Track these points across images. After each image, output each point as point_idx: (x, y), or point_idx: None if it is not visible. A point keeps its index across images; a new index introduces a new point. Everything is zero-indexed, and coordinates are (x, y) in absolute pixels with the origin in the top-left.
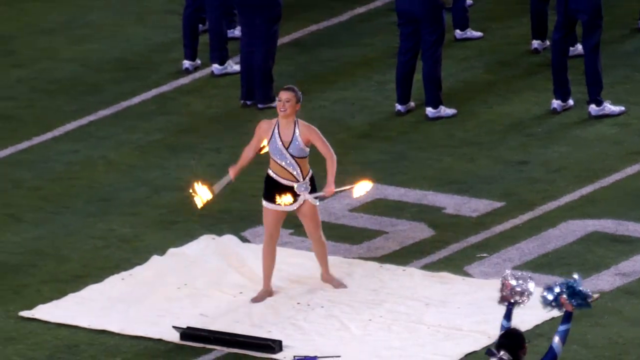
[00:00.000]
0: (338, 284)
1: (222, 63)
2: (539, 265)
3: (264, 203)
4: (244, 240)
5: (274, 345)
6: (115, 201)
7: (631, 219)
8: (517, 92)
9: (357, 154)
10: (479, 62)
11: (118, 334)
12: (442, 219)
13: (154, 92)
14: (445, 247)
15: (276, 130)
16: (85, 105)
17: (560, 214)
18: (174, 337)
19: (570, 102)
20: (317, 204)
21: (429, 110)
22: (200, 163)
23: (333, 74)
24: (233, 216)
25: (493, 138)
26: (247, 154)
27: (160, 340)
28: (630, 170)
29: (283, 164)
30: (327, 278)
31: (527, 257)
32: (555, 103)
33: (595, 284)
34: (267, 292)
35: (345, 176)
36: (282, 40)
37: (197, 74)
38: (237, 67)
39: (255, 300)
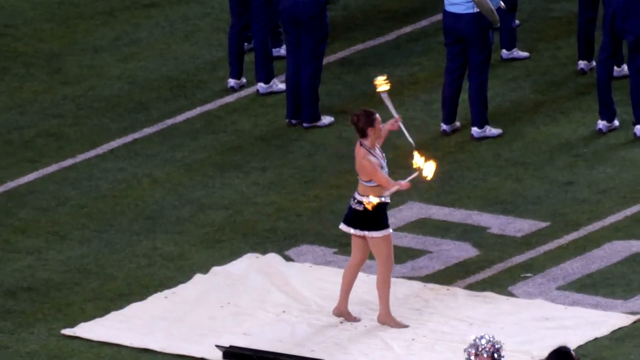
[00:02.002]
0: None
1: (267, 82)
2: (583, 285)
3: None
4: (288, 259)
5: None
6: (160, 219)
7: None
8: (564, 113)
9: (403, 174)
10: (526, 82)
11: (160, 353)
12: (487, 238)
13: (200, 110)
14: (490, 267)
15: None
16: (131, 122)
17: (605, 234)
18: (217, 356)
19: (616, 122)
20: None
21: (475, 130)
22: (245, 182)
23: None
24: (278, 235)
25: (539, 158)
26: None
27: (203, 359)
28: None
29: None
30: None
31: (572, 277)
32: (601, 124)
33: None
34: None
35: (392, 195)
36: (329, 59)
37: (243, 93)
38: (282, 86)
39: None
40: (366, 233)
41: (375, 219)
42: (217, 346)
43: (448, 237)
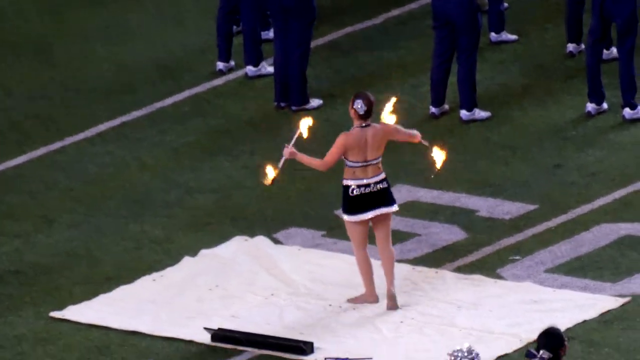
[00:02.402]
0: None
1: (256, 65)
2: (571, 268)
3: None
4: (276, 242)
5: (305, 347)
6: (148, 203)
7: None
8: (552, 96)
9: (392, 156)
10: (515, 65)
11: (149, 335)
12: (476, 221)
13: (188, 93)
14: (478, 250)
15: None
16: (120, 106)
17: (593, 217)
18: (205, 338)
19: (605, 105)
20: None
21: (463, 113)
22: (233, 166)
23: (368, 77)
24: (266, 218)
25: (528, 141)
26: None
27: (191, 341)
28: None
29: None
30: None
31: (560, 260)
32: (590, 106)
33: (628, 288)
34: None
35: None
36: (317, 42)
37: (232, 76)
38: (270, 69)
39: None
40: (395, 207)
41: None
42: (205, 329)
43: (436, 220)
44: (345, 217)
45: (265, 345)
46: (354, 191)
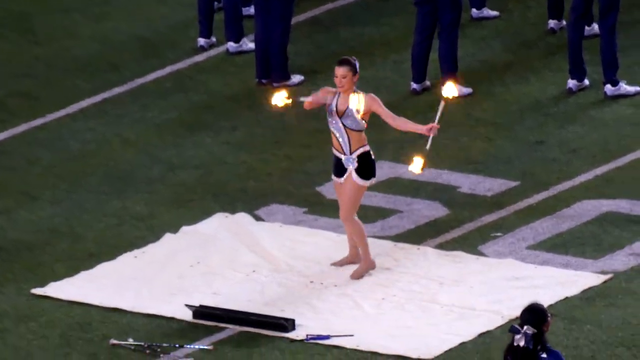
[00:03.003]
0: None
1: (237, 41)
2: (553, 245)
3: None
4: (258, 218)
5: (287, 324)
6: (130, 179)
7: None
8: (534, 72)
9: (373, 133)
10: (496, 41)
11: (130, 312)
12: (457, 198)
13: (170, 69)
14: (460, 226)
15: (336, 98)
16: (102, 83)
17: (575, 194)
18: (187, 315)
19: (586, 82)
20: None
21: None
22: (215, 142)
23: (350, 53)
24: (248, 194)
25: (509, 118)
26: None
27: (172, 318)
28: None
29: (337, 134)
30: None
31: (542, 237)
32: (571, 83)
33: (610, 264)
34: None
35: None
36: (299, 18)
37: (213, 52)
38: (251, 45)
39: (335, 263)
40: None
41: None
42: (186, 305)
43: (418, 196)
44: (366, 183)
45: (247, 322)
46: (373, 156)
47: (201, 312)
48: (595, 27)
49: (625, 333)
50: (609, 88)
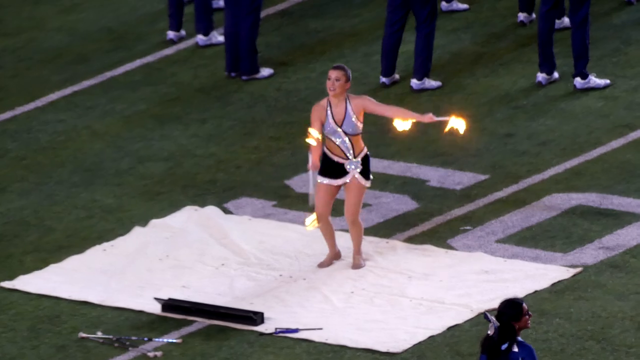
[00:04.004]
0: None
1: (206, 34)
2: (522, 238)
3: (318, 179)
4: (227, 212)
5: (256, 317)
6: (99, 171)
7: (616, 192)
8: (503, 65)
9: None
10: (466, 34)
11: (99, 305)
12: (426, 191)
13: (139, 62)
14: (429, 220)
15: (329, 111)
16: (71, 75)
17: (545, 187)
18: (156, 308)
19: (556, 75)
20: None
21: (414, 82)
22: (184, 134)
23: (320, 45)
24: (217, 187)
25: (479, 110)
26: (316, 133)
27: (141, 311)
28: (615, 143)
29: (337, 141)
30: (356, 263)
31: (511, 230)
32: (540, 76)
33: (579, 258)
34: (333, 257)
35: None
36: (268, 10)
37: (182, 45)
38: (221, 38)
39: (322, 265)
40: None
41: None
42: (156, 299)
43: (387, 189)
44: (369, 183)
45: (216, 316)
46: None
47: (170, 305)
48: (566, 20)
49: (595, 326)
50: (578, 81)
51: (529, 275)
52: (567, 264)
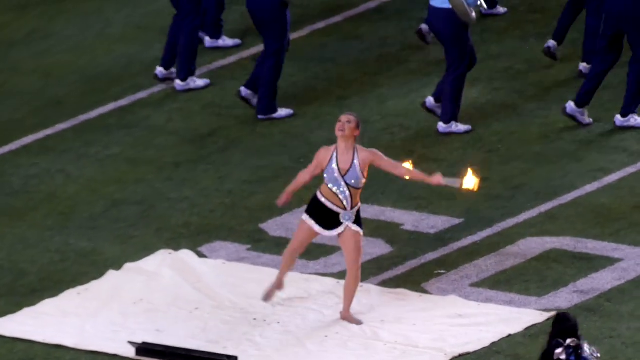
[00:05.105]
0: (356, 322)
1: (184, 79)
2: (497, 282)
3: (304, 216)
4: (201, 255)
5: None
6: (73, 215)
7: (590, 236)
8: (477, 109)
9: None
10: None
11: (73, 349)
12: (401, 235)
13: (113, 105)
14: (403, 264)
15: (334, 156)
16: (44, 118)
17: (519, 230)
18: (130, 352)
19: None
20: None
21: (441, 126)
22: (158, 178)
23: (293, 88)
24: (191, 231)
25: (453, 155)
26: (304, 177)
27: (115, 355)
28: (589, 187)
29: (336, 190)
30: (346, 316)
31: (485, 274)
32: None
33: (553, 302)
34: (278, 285)
35: (305, 191)
36: (243, 54)
37: (156, 88)
38: (200, 82)
39: (267, 297)
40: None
41: None
42: (130, 342)
43: None
44: (362, 230)
45: (190, 359)
46: None
47: (144, 349)
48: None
49: None
50: (618, 118)
51: (503, 319)
52: (542, 308)
